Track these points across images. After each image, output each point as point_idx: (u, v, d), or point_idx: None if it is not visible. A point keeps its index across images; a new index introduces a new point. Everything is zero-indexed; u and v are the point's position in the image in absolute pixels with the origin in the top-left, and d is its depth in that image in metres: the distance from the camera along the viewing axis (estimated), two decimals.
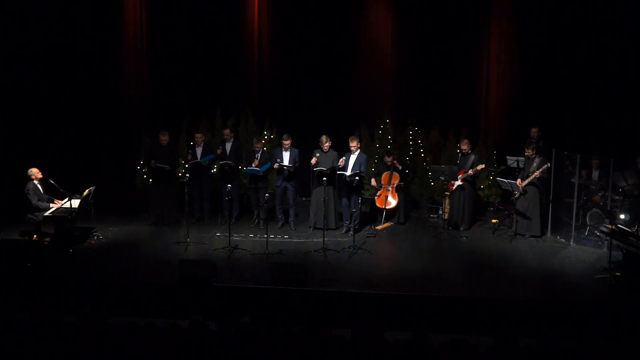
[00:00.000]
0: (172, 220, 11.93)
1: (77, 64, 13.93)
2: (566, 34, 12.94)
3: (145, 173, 13.37)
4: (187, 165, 12.28)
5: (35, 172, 10.80)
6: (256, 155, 11.65)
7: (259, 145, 11.76)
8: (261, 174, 11.55)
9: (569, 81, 12.95)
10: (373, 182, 12.13)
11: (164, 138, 11.80)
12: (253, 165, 11.53)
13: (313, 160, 11.26)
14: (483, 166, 11.59)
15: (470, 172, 11.41)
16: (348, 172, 11.13)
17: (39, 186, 10.81)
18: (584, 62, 12.84)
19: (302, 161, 11.63)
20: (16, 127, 13.43)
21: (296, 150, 11.57)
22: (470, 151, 11.75)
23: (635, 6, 12.51)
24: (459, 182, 11.55)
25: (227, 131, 12.02)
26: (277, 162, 11.42)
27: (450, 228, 11.62)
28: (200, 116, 13.82)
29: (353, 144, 11.31)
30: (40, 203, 10.70)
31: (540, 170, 10.91)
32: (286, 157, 11.48)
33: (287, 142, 11.51)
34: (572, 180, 10.96)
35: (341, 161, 11.25)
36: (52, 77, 13.79)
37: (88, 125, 13.99)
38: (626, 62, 12.63)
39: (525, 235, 11.19)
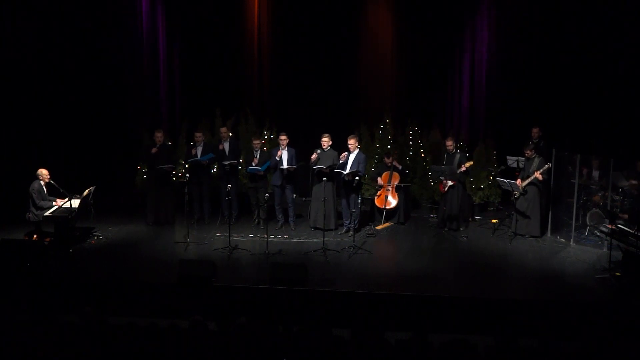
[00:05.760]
0: (169, 220, 11.94)
1: (77, 64, 13.93)
2: (567, 34, 12.94)
3: (145, 173, 13.37)
4: (187, 165, 12.29)
5: (44, 173, 10.80)
6: (255, 154, 11.65)
7: (257, 143, 11.75)
8: (262, 173, 11.55)
9: (569, 81, 12.96)
10: (379, 180, 12.08)
11: (159, 135, 11.82)
12: (253, 164, 11.54)
13: (313, 157, 11.21)
14: (472, 163, 11.57)
15: (463, 168, 11.38)
16: (346, 171, 11.12)
17: (44, 187, 10.81)
18: (584, 62, 12.84)
19: (300, 161, 11.62)
20: (16, 127, 13.42)
21: (293, 150, 11.55)
22: (455, 150, 11.74)
23: (636, 6, 12.51)
24: (450, 183, 11.51)
25: (224, 129, 12.03)
26: (278, 154, 11.38)
27: (446, 229, 11.59)
28: (200, 116, 13.82)
29: (351, 142, 11.24)
30: (43, 202, 10.71)
31: (541, 171, 10.90)
32: (284, 156, 11.48)
33: (282, 138, 11.48)
34: (573, 180, 10.96)
35: (342, 156, 11.23)
36: (52, 77, 13.79)
37: (88, 125, 13.99)
38: (626, 62, 12.62)
39: (525, 235, 11.19)
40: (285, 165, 11.39)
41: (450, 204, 11.56)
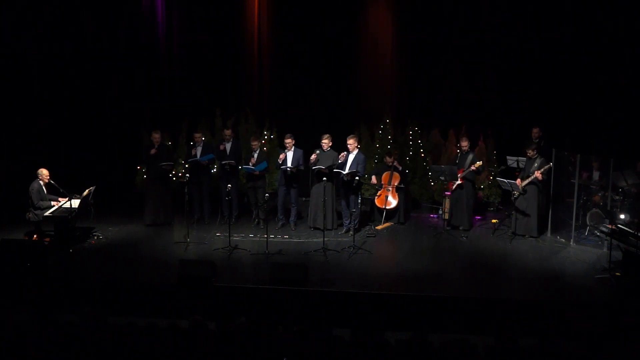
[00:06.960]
0: (168, 220, 11.94)
1: (77, 64, 13.93)
2: (567, 34, 12.94)
3: (145, 173, 13.37)
4: (186, 165, 12.28)
5: (44, 173, 10.80)
6: (253, 154, 11.65)
7: (255, 143, 11.74)
8: (257, 173, 11.53)
9: (569, 81, 12.95)
10: (374, 179, 12.10)
11: (157, 136, 11.82)
12: (250, 164, 11.53)
13: (313, 157, 11.21)
14: (481, 163, 11.59)
15: (472, 167, 11.40)
16: (345, 171, 11.11)
17: (43, 187, 10.80)
18: (585, 62, 12.84)
19: (303, 162, 11.61)
20: (16, 127, 13.43)
21: (300, 151, 11.54)
22: (469, 149, 11.77)
23: (636, 5, 12.51)
24: (458, 181, 11.53)
25: (228, 132, 12.03)
26: (281, 157, 11.39)
27: (449, 228, 11.60)
28: (200, 116, 13.82)
29: (350, 142, 11.24)
30: (42, 202, 10.71)
31: (542, 170, 10.89)
32: (289, 157, 11.46)
33: (288, 141, 11.48)
34: (573, 180, 10.96)
35: (341, 156, 11.21)
36: (52, 77, 13.79)
37: (88, 125, 13.99)
38: (626, 62, 12.62)
39: (524, 235, 11.19)
40: (289, 166, 11.38)
41: (457, 204, 11.56)
